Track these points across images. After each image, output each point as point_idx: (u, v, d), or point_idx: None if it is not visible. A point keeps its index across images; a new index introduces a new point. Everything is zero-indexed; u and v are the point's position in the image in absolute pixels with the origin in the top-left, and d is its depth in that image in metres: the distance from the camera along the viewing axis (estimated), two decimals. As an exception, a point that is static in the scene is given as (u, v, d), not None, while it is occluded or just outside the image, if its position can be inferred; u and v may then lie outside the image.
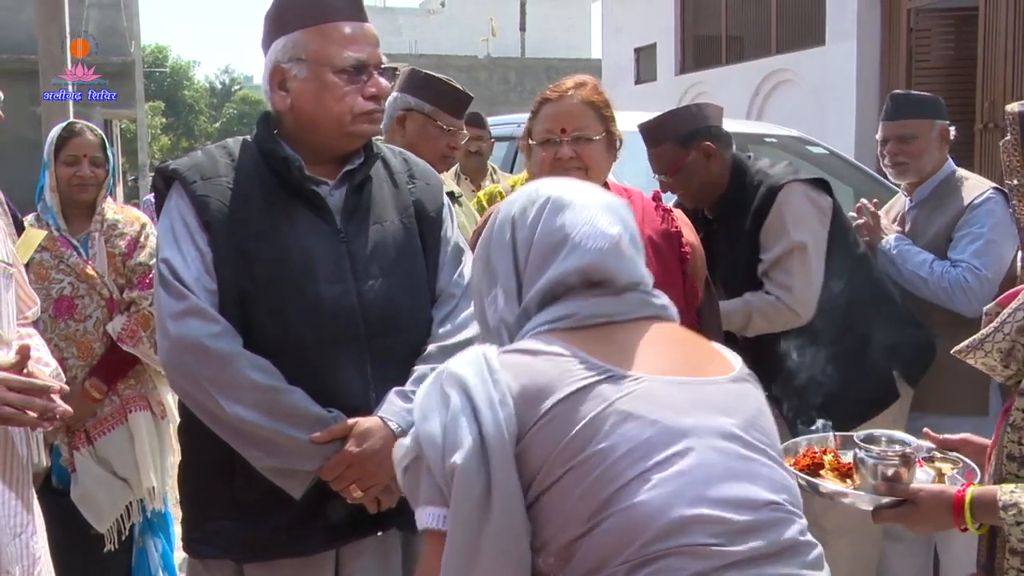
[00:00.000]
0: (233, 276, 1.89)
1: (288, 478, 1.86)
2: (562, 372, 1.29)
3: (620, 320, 1.39)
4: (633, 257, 1.46)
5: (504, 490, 1.24)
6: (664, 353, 1.38)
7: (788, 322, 2.89)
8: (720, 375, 1.40)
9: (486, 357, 1.33)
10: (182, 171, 1.95)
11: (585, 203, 1.46)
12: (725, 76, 11.88)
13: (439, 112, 3.01)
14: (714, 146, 2.97)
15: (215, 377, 1.83)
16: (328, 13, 1.95)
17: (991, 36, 8.18)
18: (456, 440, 1.26)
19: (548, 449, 1.25)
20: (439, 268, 2.09)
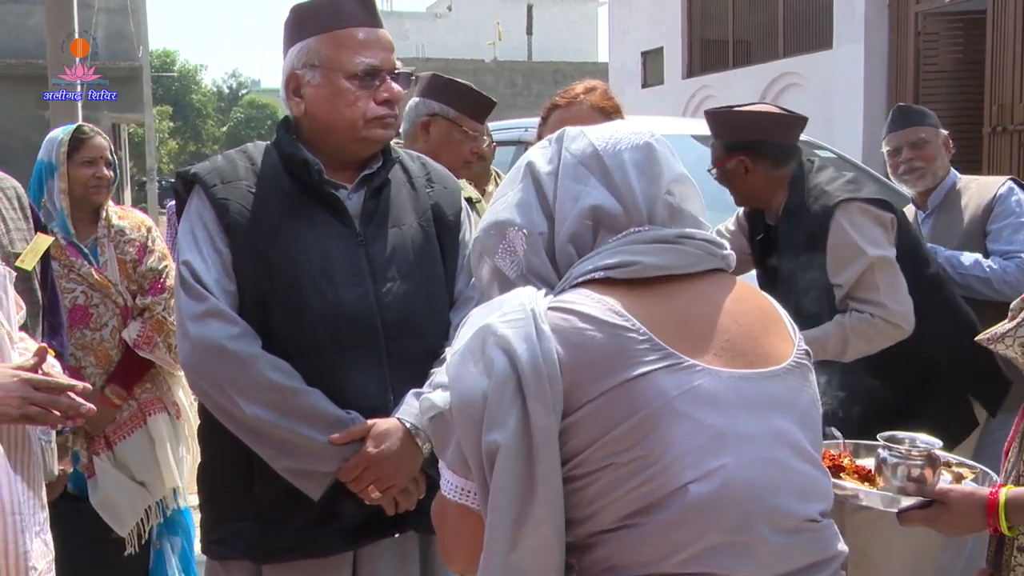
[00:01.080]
0: (252, 278, 1.92)
1: (306, 479, 1.87)
2: (620, 351, 1.18)
3: (680, 274, 1.27)
4: (670, 155, 1.35)
5: (547, 472, 1.17)
6: (727, 328, 1.26)
7: (889, 338, 2.73)
8: (781, 356, 1.29)
9: (535, 316, 1.20)
10: (202, 175, 1.98)
11: (604, 126, 1.38)
12: (732, 80, 11.88)
13: (463, 117, 3.01)
14: (752, 161, 2.90)
15: (234, 378, 1.85)
16: (342, 20, 1.97)
17: (999, 39, 8.17)
18: (499, 416, 1.17)
19: (593, 436, 1.18)
20: (457, 272, 2.10)
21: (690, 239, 1.29)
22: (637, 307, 1.22)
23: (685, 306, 1.26)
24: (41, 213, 3.12)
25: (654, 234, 1.28)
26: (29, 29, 18.86)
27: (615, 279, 1.24)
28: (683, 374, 1.20)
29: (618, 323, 1.20)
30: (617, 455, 1.17)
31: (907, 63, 9.24)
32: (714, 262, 1.31)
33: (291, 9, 2.04)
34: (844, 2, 9.74)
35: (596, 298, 1.22)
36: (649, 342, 1.20)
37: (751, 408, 1.23)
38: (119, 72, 20.35)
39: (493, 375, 1.18)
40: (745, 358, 1.26)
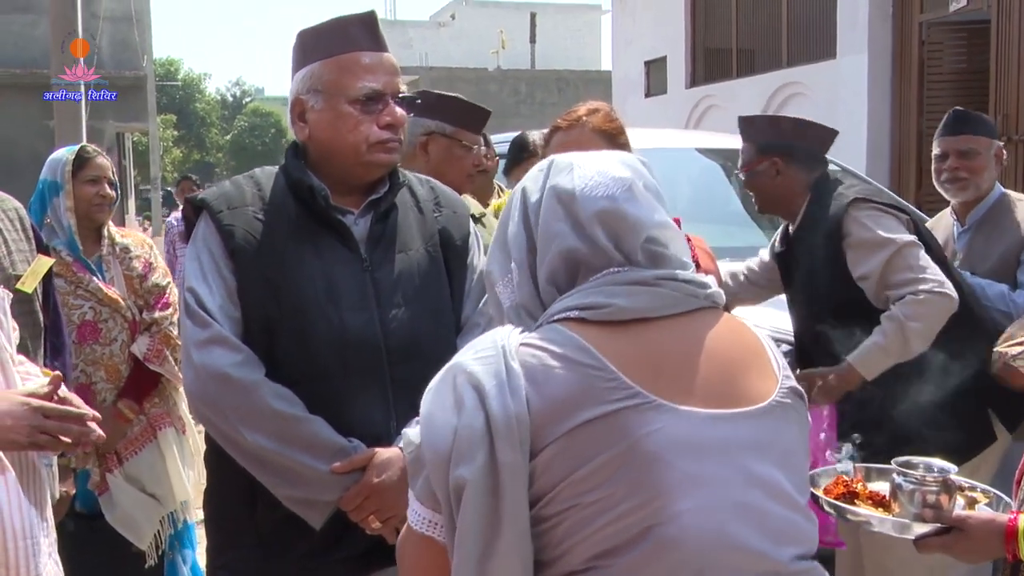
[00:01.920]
0: (258, 304, 1.92)
1: (308, 508, 1.87)
2: (586, 389, 1.18)
3: (656, 317, 1.26)
4: (651, 204, 1.32)
5: (514, 510, 1.17)
6: (702, 368, 1.25)
7: (942, 310, 2.68)
8: (760, 396, 1.27)
9: (506, 354, 1.21)
10: (209, 201, 1.98)
11: (593, 159, 1.37)
12: (736, 89, 11.88)
13: (460, 131, 2.99)
14: (784, 163, 2.98)
15: (237, 406, 1.85)
16: (345, 44, 1.97)
17: (1004, 49, 8.16)
18: (467, 452, 1.18)
19: (559, 475, 1.18)
20: (464, 297, 2.09)
21: (670, 280, 1.28)
22: (609, 346, 1.22)
23: (658, 346, 1.25)
24: (44, 232, 3.14)
25: (632, 275, 1.27)
26: (34, 39, 18.89)
27: (587, 320, 1.24)
28: (651, 414, 1.19)
29: (586, 361, 1.20)
30: (583, 495, 1.17)
31: (911, 73, 9.23)
32: (695, 303, 1.29)
33: (297, 35, 2.04)
34: (847, 12, 9.74)
35: (567, 336, 1.22)
36: (616, 381, 1.19)
37: (723, 449, 1.21)
38: (123, 81, 20.37)
39: (462, 412, 1.19)
40: (720, 398, 1.24)
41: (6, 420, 1.74)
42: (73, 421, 1.78)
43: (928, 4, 9.16)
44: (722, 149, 5.78)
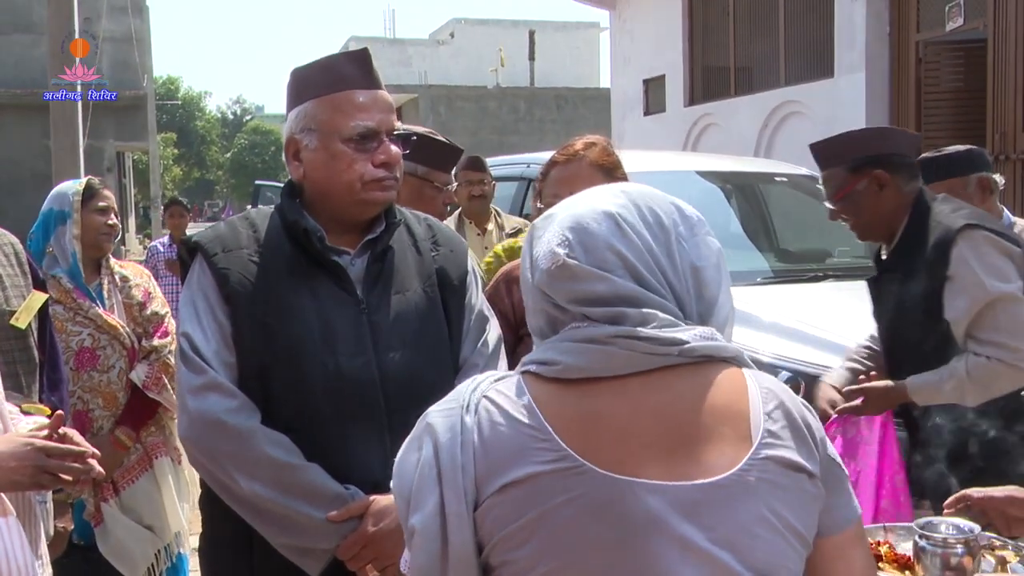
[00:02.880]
0: (254, 349, 1.90)
1: (305, 556, 1.85)
2: (519, 449, 1.19)
3: (608, 376, 1.22)
4: (598, 275, 1.26)
5: (459, 556, 1.21)
6: (647, 434, 1.20)
7: (1012, 382, 2.55)
8: (719, 467, 1.19)
9: (465, 406, 1.24)
10: (204, 243, 1.96)
11: (565, 214, 1.33)
12: (734, 107, 11.91)
13: (432, 172, 2.97)
14: (889, 175, 2.74)
15: (232, 453, 1.83)
16: (338, 83, 1.96)
17: (1000, 68, 8.19)
18: (419, 500, 1.23)
19: (493, 530, 1.20)
20: (463, 337, 2.06)
21: (626, 339, 1.22)
22: (553, 405, 1.22)
23: (602, 408, 1.21)
24: (45, 261, 3.16)
25: (587, 332, 1.24)
26: (35, 59, 18.97)
27: (541, 375, 1.25)
28: (575, 479, 1.17)
29: (525, 421, 1.21)
30: (511, 551, 1.19)
31: (908, 92, 9.26)
32: (659, 361, 1.22)
33: (290, 73, 2.04)
34: (845, 31, 9.77)
35: (519, 391, 1.24)
36: (549, 443, 1.19)
37: (653, 522, 1.16)
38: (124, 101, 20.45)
39: (420, 461, 1.24)
40: (665, 467, 1.18)
41: (10, 462, 1.75)
42: (74, 459, 1.79)
43: (925, 23, 9.20)
44: (722, 172, 5.80)
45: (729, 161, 6.41)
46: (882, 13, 9.43)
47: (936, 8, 9.00)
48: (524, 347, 2.46)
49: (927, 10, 9.18)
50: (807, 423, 1.26)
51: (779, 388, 1.28)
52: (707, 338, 1.25)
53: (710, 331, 1.26)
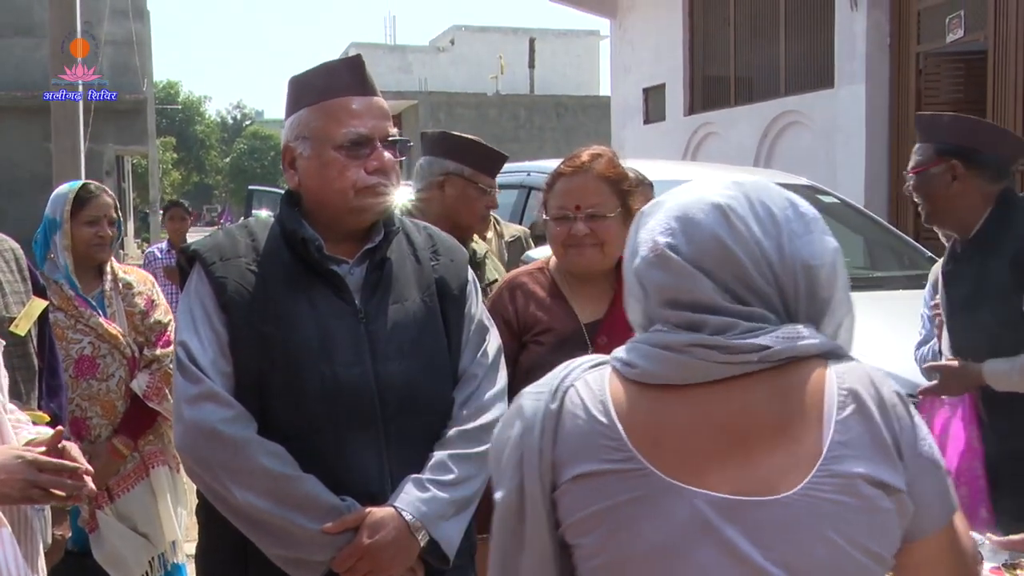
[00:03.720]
0: (251, 358, 1.88)
1: (300, 568, 1.83)
2: (590, 444, 1.24)
3: (682, 384, 1.22)
4: (690, 273, 1.24)
5: (535, 533, 1.27)
6: (712, 445, 1.20)
7: None
8: (783, 484, 1.17)
9: (553, 392, 1.29)
10: (202, 252, 1.95)
11: (672, 202, 1.30)
12: (734, 117, 11.92)
13: (478, 174, 3.05)
14: (964, 170, 2.72)
15: (227, 463, 1.81)
16: (332, 90, 1.95)
17: (1000, 79, 8.20)
18: (503, 478, 1.31)
19: (567, 514, 1.26)
20: (461, 347, 2.05)
21: (704, 348, 1.21)
22: (627, 406, 1.24)
23: (672, 416, 1.22)
24: (47, 266, 3.14)
25: (665, 338, 1.24)
26: (36, 62, 18.95)
27: (624, 375, 1.28)
28: (638, 481, 1.20)
29: (599, 418, 1.24)
30: (580, 537, 1.25)
31: (908, 103, 9.26)
32: (734, 369, 1.20)
33: (288, 82, 2.03)
34: (845, 42, 9.79)
35: (601, 386, 1.28)
36: (617, 442, 1.22)
37: (709, 532, 1.16)
38: (124, 105, 20.45)
39: (509, 439, 1.31)
40: (727, 478, 1.18)
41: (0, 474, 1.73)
42: (67, 475, 1.78)
43: (925, 35, 9.22)
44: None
45: (729, 170, 6.41)
46: (882, 24, 9.45)
47: (936, 20, 9.02)
48: (527, 355, 2.46)
49: (927, 22, 9.20)
50: (892, 426, 1.20)
51: (864, 388, 1.21)
52: (792, 338, 1.21)
53: (797, 331, 1.22)
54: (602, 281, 2.50)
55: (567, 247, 2.42)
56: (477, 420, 1.97)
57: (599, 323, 2.45)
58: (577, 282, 2.50)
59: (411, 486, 1.88)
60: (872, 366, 1.26)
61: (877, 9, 9.42)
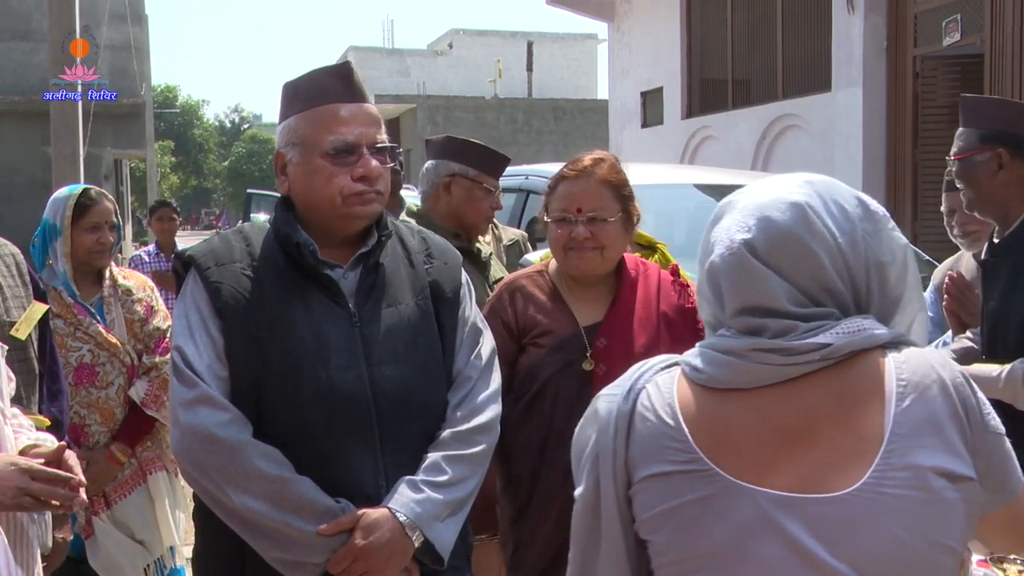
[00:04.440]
0: (246, 363, 1.89)
1: (296, 570, 1.85)
2: (658, 446, 1.28)
3: (746, 388, 1.25)
4: (763, 274, 1.25)
5: (611, 530, 1.32)
6: (776, 445, 1.22)
7: None
8: (846, 480, 1.18)
9: (627, 393, 1.33)
10: (197, 257, 1.96)
11: (748, 201, 1.31)
12: (732, 120, 11.94)
13: (482, 175, 3.12)
14: (1011, 158, 2.60)
15: (223, 467, 1.82)
16: (321, 97, 1.96)
17: (997, 83, 8.22)
18: (580, 475, 1.37)
19: (640, 512, 1.31)
20: (456, 350, 2.06)
21: (764, 352, 1.23)
22: (694, 408, 1.28)
23: (736, 418, 1.26)
24: (45, 272, 3.13)
25: (727, 343, 1.28)
26: (34, 66, 18.98)
27: (690, 378, 1.31)
28: (703, 481, 1.24)
29: (666, 420, 1.29)
30: (651, 535, 1.30)
31: (906, 106, 9.28)
32: (796, 371, 1.23)
33: (281, 87, 2.04)
34: (843, 45, 9.81)
35: (669, 389, 1.31)
36: (683, 444, 1.26)
37: (775, 531, 1.19)
38: (122, 109, 20.46)
39: (588, 439, 1.36)
40: (791, 477, 1.20)
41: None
42: (60, 484, 1.78)
43: (922, 38, 9.24)
44: (720, 185, 5.80)
45: (727, 174, 6.41)
46: (880, 28, 9.47)
47: (933, 23, 9.04)
48: (526, 357, 2.47)
49: (924, 25, 9.22)
50: (956, 411, 1.20)
51: (926, 375, 1.22)
52: (852, 332, 1.22)
53: (858, 324, 1.23)
54: (601, 284, 2.51)
55: (567, 250, 2.44)
56: (471, 421, 1.99)
57: (598, 326, 2.45)
58: (576, 285, 2.51)
59: (405, 487, 1.89)
60: (933, 350, 1.28)
61: (874, 12, 9.44)
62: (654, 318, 2.45)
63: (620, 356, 2.38)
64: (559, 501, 2.38)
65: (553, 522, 2.40)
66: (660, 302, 2.48)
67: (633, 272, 2.52)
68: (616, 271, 2.51)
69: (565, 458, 2.39)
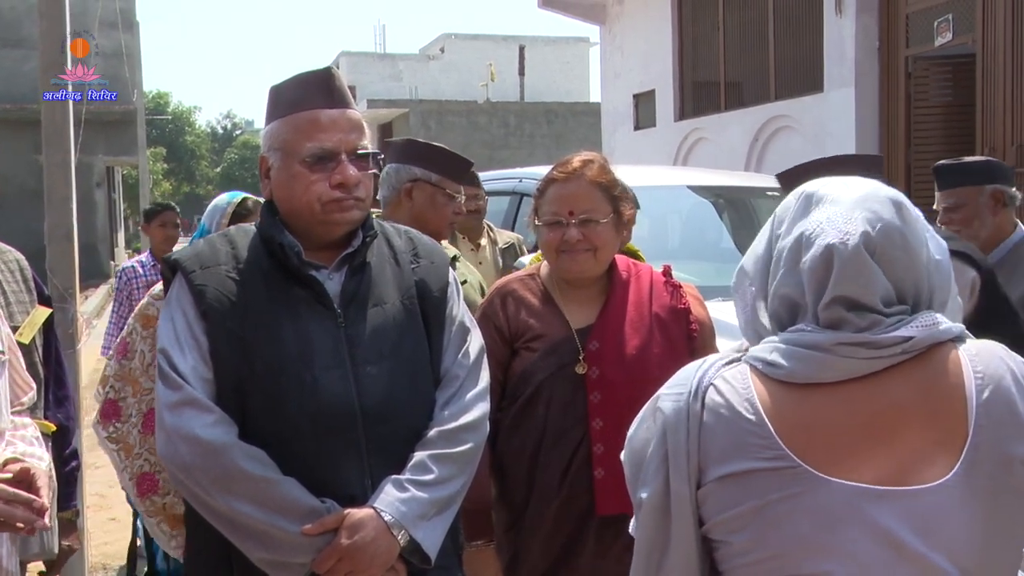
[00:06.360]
0: (232, 365, 1.89)
1: (282, 570, 1.84)
2: (740, 443, 1.26)
3: (829, 382, 1.26)
4: (870, 268, 1.26)
5: (681, 531, 1.30)
6: (862, 439, 1.23)
7: None
8: (933, 474, 1.20)
9: (693, 392, 1.31)
10: (183, 261, 1.97)
11: (841, 197, 1.32)
12: (725, 122, 11.94)
13: (445, 180, 3.05)
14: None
15: (208, 468, 1.82)
16: (302, 102, 1.96)
17: (989, 83, 8.23)
18: (647, 476, 1.33)
19: (712, 513, 1.29)
20: (443, 349, 2.05)
21: (847, 346, 1.24)
22: (775, 404, 1.27)
23: (821, 413, 1.25)
24: None
25: (810, 338, 1.27)
26: (24, 74, 18.95)
27: (766, 374, 1.30)
28: (791, 478, 1.23)
29: (746, 416, 1.27)
30: (729, 535, 1.28)
31: (898, 107, 9.29)
32: (879, 364, 1.24)
33: (268, 91, 2.04)
34: (834, 46, 9.81)
35: (745, 386, 1.29)
36: (768, 441, 1.25)
37: (867, 525, 1.20)
38: (113, 115, 20.43)
39: (651, 440, 1.33)
40: (880, 470, 1.22)
41: None
42: (20, 505, 1.74)
43: (914, 39, 9.25)
44: (713, 186, 5.80)
45: (720, 175, 6.41)
46: (871, 28, 9.48)
47: (925, 23, 9.06)
48: (519, 361, 2.45)
49: (916, 25, 9.23)
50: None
51: (997, 367, 1.26)
52: (930, 326, 1.26)
53: (933, 318, 1.27)
54: (593, 286, 2.49)
55: (560, 253, 2.42)
56: (458, 420, 1.98)
57: (590, 328, 2.44)
58: (568, 288, 2.49)
59: (390, 487, 1.89)
60: (995, 343, 1.32)
61: (866, 13, 9.45)
62: (647, 320, 2.43)
63: (613, 359, 2.37)
64: (555, 505, 2.37)
65: (550, 527, 2.39)
66: (652, 303, 2.46)
67: (625, 274, 2.51)
68: (607, 273, 2.50)
69: (560, 461, 2.42)
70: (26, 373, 2.18)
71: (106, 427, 2.76)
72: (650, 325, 2.43)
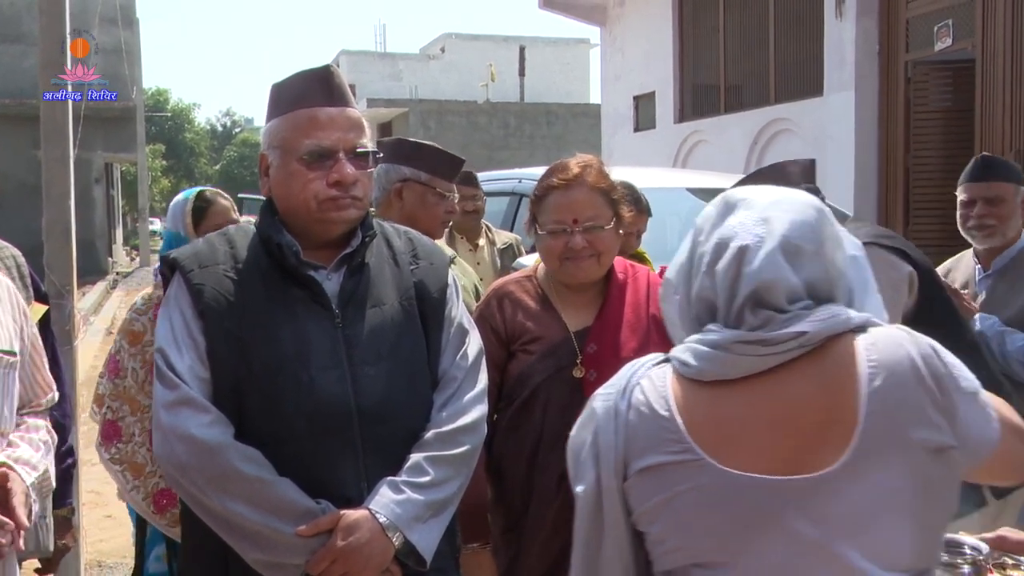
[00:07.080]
0: (229, 364, 1.88)
1: (277, 571, 1.84)
2: (652, 439, 1.34)
3: (734, 378, 1.33)
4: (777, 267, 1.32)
5: (613, 523, 1.38)
6: (763, 431, 1.30)
7: None
8: (831, 459, 1.26)
9: (622, 391, 1.39)
10: (181, 260, 1.96)
11: (756, 201, 1.39)
12: (724, 125, 11.94)
13: (435, 179, 3.03)
14: None
15: (204, 468, 1.81)
16: (301, 100, 1.96)
17: (988, 88, 8.24)
18: (581, 474, 1.41)
19: (635, 504, 1.37)
20: (441, 350, 2.04)
21: (744, 344, 1.31)
22: (687, 401, 1.35)
23: (726, 408, 1.33)
24: None
25: (713, 337, 1.34)
26: (24, 70, 18.95)
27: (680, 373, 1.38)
28: (695, 470, 1.30)
29: (660, 412, 1.35)
30: (649, 525, 1.37)
31: (897, 111, 9.29)
32: (776, 359, 1.30)
33: (269, 89, 2.04)
34: (834, 50, 9.81)
35: (663, 383, 1.38)
36: (676, 434, 1.32)
37: (766, 515, 1.27)
38: (112, 112, 20.41)
39: (585, 438, 1.41)
40: (779, 462, 1.28)
41: None
42: None
43: (914, 43, 9.26)
44: (713, 189, 5.79)
45: (719, 178, 6.40)
46: (871, 32, 9.49)
47: (925, 28, 9.06)
48: (516, 363, 2.44)
49: (916, 30, 9.24)
50: (925, 382, 1.27)
51: (894, 353, 1.29)
52: (826, 318, 1.31)
53: (830, 311, 1.32)
54: (590, 289, 2.48)
55: (564, 260, 2.41)
56: (456, 422, 1.97)
57: (587, 331, 2.43)
58: (566, 290, 2.48)
59: (386, 488, 1.88)
60: (899, 327, 1.35)
61: (866, 17, 9.46)
62: (644, 322, 2.43)
63: (610, 361, 2.36)
64: (554, 508, 2.36)
65: (549, 529, 2.38)
66: (650, 305, 2.45)
67: (622, 276, 2.50)
68: (605, 275, 2.49)
69: (558, 464, 2.40)
70: (48, 374, 2.16)
71: (108, 448, 2.76)
72: (647, 327, 2.42)
